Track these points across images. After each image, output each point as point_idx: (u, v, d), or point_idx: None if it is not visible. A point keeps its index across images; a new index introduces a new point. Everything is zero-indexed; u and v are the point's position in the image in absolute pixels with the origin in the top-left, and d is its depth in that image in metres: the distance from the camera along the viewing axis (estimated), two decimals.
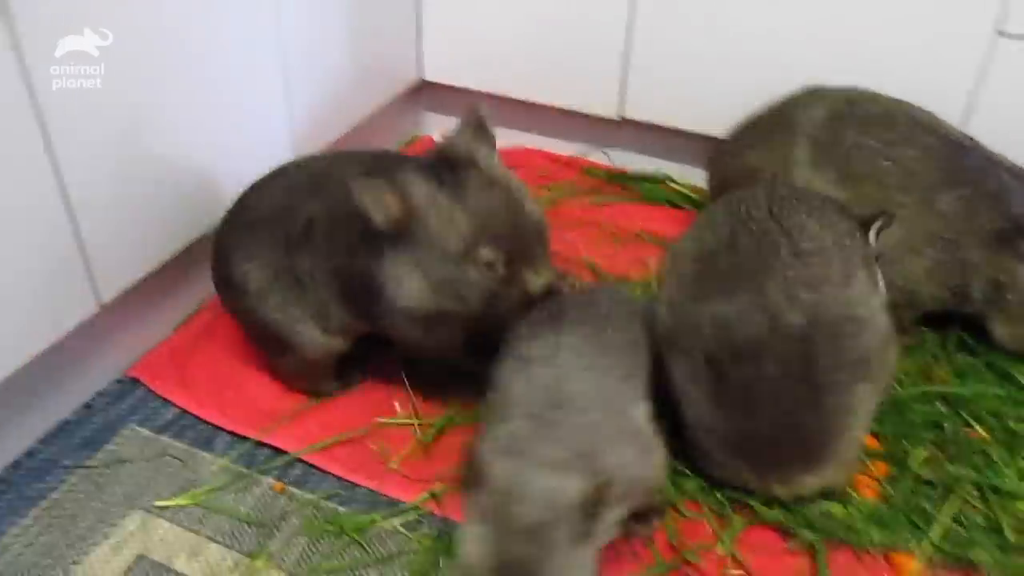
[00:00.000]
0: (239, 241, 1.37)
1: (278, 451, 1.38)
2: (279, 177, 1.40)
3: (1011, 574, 1.19)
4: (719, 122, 1.76)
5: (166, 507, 1.28)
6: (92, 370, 1.47)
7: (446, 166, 1.20)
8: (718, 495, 1.29)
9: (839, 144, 1.53)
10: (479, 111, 1.24)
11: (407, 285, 1.23)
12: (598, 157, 2.09)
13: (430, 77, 2.11)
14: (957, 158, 1.48)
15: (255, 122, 1.61)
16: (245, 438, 1.39)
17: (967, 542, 1.23)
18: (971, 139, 1.52)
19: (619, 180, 2.02)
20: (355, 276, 1.28)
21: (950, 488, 1.29)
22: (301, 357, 1.40)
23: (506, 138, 2.12)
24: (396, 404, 1.45)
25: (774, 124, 1.65)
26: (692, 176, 1.96)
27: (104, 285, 1.36)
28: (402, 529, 1.26)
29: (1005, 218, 1.43)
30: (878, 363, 1.21)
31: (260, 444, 1.38)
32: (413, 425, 1.41)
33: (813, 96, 1.61)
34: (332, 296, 1.33)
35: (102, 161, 1.31)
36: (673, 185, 1.99)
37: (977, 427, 1.39)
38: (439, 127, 2.19)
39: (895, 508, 1.27)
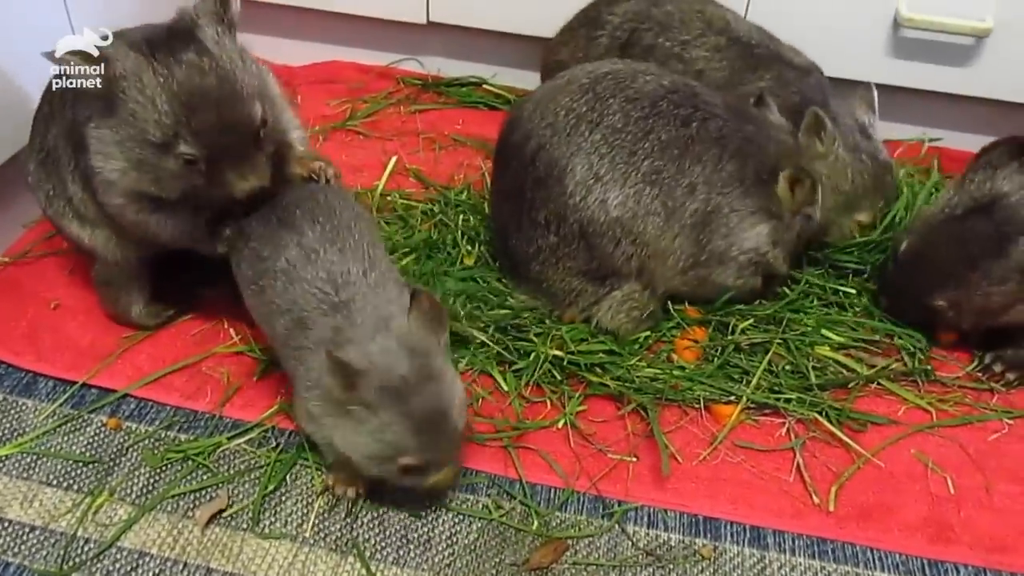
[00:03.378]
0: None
1: (108, 390, 1.32)
2: None
3: (811, 408, 1.34)
4: (524, 21, 1.78)
5: None
6: None
7: (166, 40, 1.08)
8: (557, 374, 1.36)
9: (636, 44, 1.63)
10: None
11: (109, 159, 1.13)
12: (412, 65, 2.07)
13: None
14: (743, 58, 1.61)
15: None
16: (70, 381, 1.33)
17: (777, 388, 1.36)
18: (760, 34, 1.64)
19: (434, 87, 2.01)
20: (79, 146, 1.18)
21: (761, 345, 1.41)
22: (99, 258, 1.34)
23: (317, 52, 2.06)
24: (232, 331, 1.42)
25: (584, 21, 1.73)
26: (504, 77, 1.98)
27: None
28: (248, 447, 1.26)
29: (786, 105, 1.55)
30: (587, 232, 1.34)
31: (87, 385, 1.33)
32: (252, 349, 1.39)
33: None
34: (68, 172, 1.25)
35: None
36: (487, 87, 2.01)
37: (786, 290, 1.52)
38: None
39: (715, 367, 1.38)
